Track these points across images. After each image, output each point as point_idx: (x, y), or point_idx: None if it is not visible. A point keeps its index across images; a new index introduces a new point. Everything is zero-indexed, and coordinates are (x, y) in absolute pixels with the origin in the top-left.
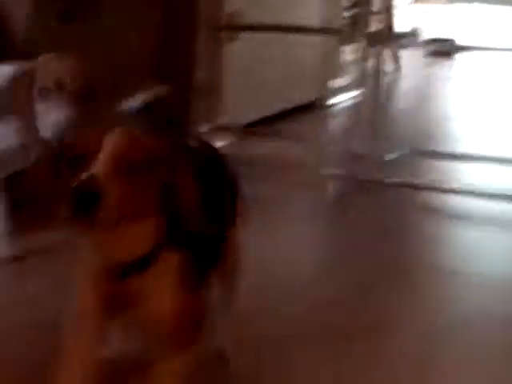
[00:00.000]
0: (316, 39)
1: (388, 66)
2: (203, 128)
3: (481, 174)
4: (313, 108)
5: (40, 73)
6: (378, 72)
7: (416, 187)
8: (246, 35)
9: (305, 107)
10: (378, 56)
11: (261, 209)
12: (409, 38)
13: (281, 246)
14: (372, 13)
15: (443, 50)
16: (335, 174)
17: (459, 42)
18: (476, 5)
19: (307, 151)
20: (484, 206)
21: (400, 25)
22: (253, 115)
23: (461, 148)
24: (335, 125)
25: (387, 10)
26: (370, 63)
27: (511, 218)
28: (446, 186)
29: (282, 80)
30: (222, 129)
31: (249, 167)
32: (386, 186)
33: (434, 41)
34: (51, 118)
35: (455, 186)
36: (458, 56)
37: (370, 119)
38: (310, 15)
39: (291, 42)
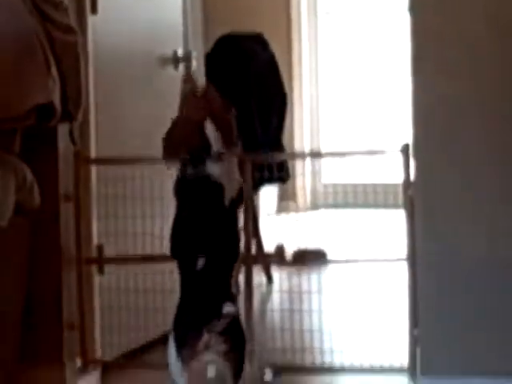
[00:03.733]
0: None
1: (261, 282)
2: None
3: None
4: None
5: None
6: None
7: None
8: (113, 268)
9: None
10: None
11: None
12: (276, 255)
13: None
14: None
15: (313, 262)
16: None
17: (328, 252)
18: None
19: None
20: None
21: (267, 239)
22: (125, 347)
23: (335, 360)
24: None
25: (254, 228)
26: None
27: None
28: None
29: (152, 310)
30: (95, 363)
31: None
32: None
33: (303, 253)
34: None
35: None
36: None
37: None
38: None
39: (158, 269)
